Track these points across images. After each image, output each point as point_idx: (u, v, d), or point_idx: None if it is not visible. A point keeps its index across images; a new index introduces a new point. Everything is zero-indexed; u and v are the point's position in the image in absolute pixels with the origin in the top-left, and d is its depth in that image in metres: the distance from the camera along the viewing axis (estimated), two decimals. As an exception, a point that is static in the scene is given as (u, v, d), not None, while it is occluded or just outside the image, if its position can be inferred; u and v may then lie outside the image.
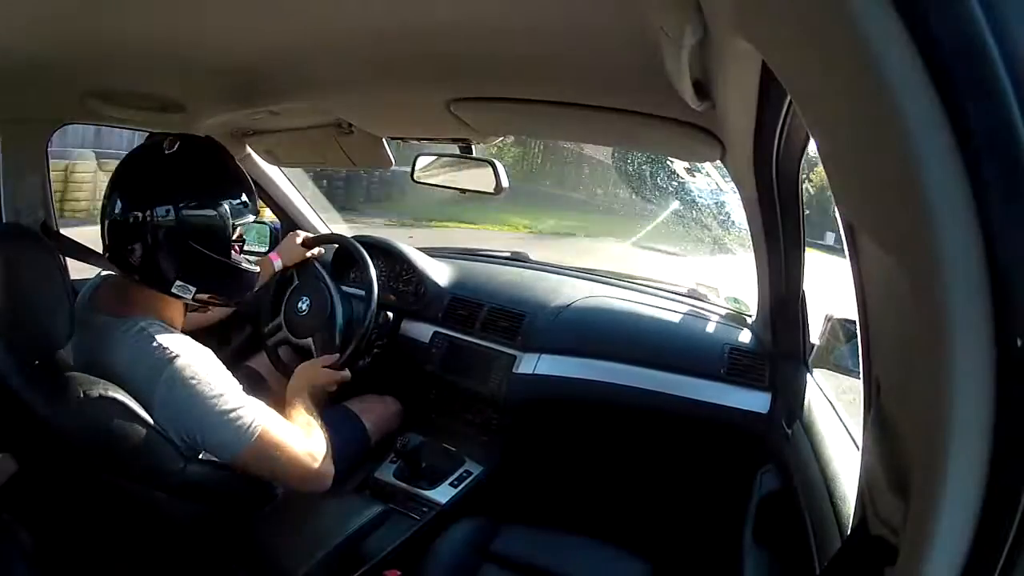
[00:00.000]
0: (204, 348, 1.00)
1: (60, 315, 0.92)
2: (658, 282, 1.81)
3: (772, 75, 0.53)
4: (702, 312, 1.61)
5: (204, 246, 1.02)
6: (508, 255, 2.01)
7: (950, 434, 0.30)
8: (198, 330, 1.20)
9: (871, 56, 0.29)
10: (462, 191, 1.52)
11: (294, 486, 1.06)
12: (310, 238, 1.61)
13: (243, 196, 1.07)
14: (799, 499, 0.95)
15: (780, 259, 1.17)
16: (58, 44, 0.99)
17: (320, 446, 1.07)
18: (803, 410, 1.12)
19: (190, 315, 1.14)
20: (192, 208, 1.00)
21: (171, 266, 1.01)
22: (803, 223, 1.10)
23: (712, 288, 1.74)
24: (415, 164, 1.53)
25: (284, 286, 1.60)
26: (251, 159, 1.74)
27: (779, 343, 1.35)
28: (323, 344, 1.48)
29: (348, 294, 1.57)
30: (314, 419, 1.13)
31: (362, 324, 1.46)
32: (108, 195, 1.01)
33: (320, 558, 1.08)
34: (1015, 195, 0.28)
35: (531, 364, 1.51)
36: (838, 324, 1.11)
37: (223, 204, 1.03)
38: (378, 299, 1.50)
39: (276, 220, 1.90)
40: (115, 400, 0.89)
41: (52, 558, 0.96)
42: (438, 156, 1.52)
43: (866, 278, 0.48)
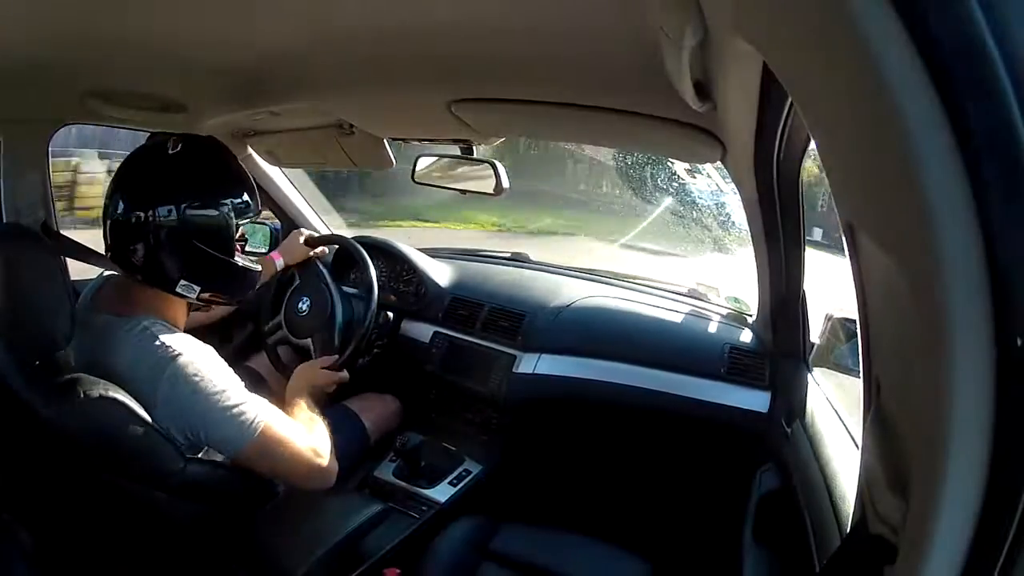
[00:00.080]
0: (206, 346, 1.00)
1: (61, 315, 0.92)
2: (658, 282, 1.81)
3: (773, 76, 0.53)
4: (702, 312, 1.61)
5: (208, 245, 1.03)
6: (508, 255, 2.02)
7: (950, 434, 0.30)
8: (199, 328, 1.20)
9: (871, 56, 0.29)
10: (462, 192, 1.52)
11: (297, 483, 1.06)
12: (314, 237, 1.61)
13: (245, 196, 1.07)
14: (799, 498, 0.95)
15: (780, 259, 1.17)
16: (59, 44, 0.99)
17: (323, 443, 1.07)
18: (803, 409, 1.12)
19: (192, 314, 1.14)
20: (196, 208, 1.01)
21: (175, 266, 1.01)
22: (803, 223, 1.10)
23: (712, 288, 1.74)
24: (416, 165, 1.53)
25: (285, 286, 1.60)
26: (252, 160, 1.74)
27: (779, 342, 1.35)
28: (322, 345, 1.48)
29: (348, 294, 1.57)
30: (315, 417, 1.14)
31: (362, 324, 1.46)
32: (111, 195, 1.01)
33: (319, 557, 1.08)
34: (1015, 195, 0.28)
35: (531, 364, 1.51)
36: (838, 323, 1.11)
37: (226, 204, 1.04)
38: (378, 299, 1.50)
39: (276, 221, 1.90)
40: (116, 400, 0.89)
41: (52, 558, 0.96)
42: (439, 157, 1.53)
43: (866, 278, 0.48)
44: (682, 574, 1.33)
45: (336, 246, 1.74)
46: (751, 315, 1.55)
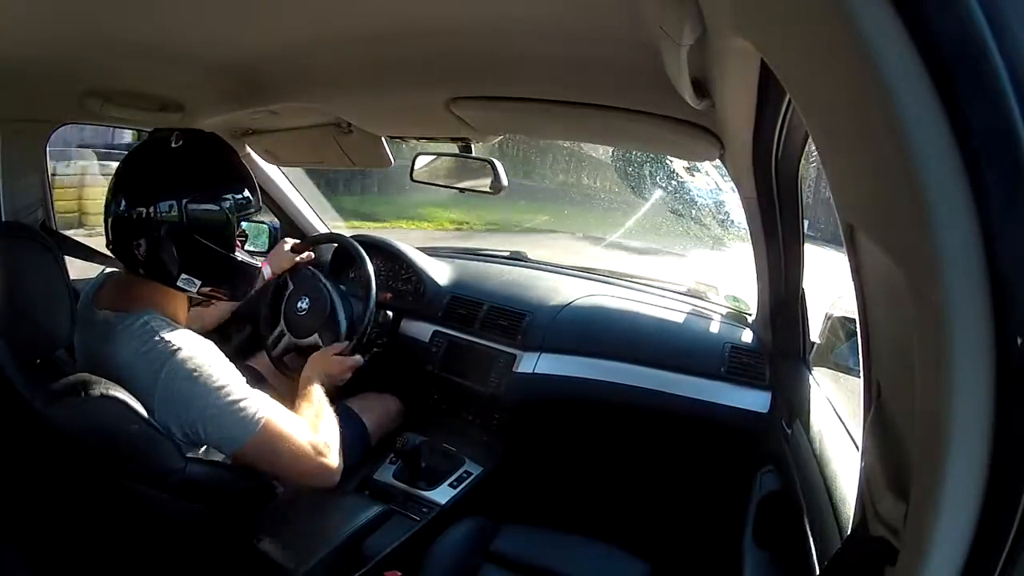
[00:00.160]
0: (207, 341, 1.00)
1: (61, 314, 0.92)
2: (658, 281, 1.81)
3: (772, 74, 0.53)
4: (702, 311, 1.61)
5: (209, 240, 1.03)
6: (508, 254, 2.02)
7: (950, 434, 0.30)
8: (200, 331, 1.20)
9: (871, 56, 0.29)
10: (461, 190, 1.52)
11: (300, 481, 1.05)
12: (299, 244, 1.61)
13: (246, 191, 1.08)
14: (799, 499, 0.95)
15: (779, 258, 1.17)
16: (57, 44, 0.99)
17: (328, 439, 1.06)
18: (803, 410, 1.12)
19: (196, 312, 1.14)
20: (197, 203, 1.01)
21: (176, 260, 1.01)
22: (803, 221, 1.10)
23: (712, 287, 1.74)
24: (414, 163, 1.53)
25: (280, 292, 1.58)
26: (250, 159, 1.74)
27: (779, 342, 1.34)
28: (329, 338, 1.48)
29: (346, 293, 1.57)
30: (325, 411, 1.12)
31: (361, 322, 1.46)
32: (113, 190, 1.02)
33: (320, 558, 1.08)
34: (1015, 195, 0.28)
35: (531, 363, 1.51)
36: (838, 323, 1.11)
37: (227, 199, 1.04)
38: (376, 298, 1.50)
39: (276, 220, 1.90)
40: (116, 399, 0.89)
41: (52, 558, 0.96)
42: (437, 155, 1.52)
43: (866, 278, 0.48)
44: (682, 575, 1.33)
45: (334, 245, 1.73)
46: (751, 314, 1.55)
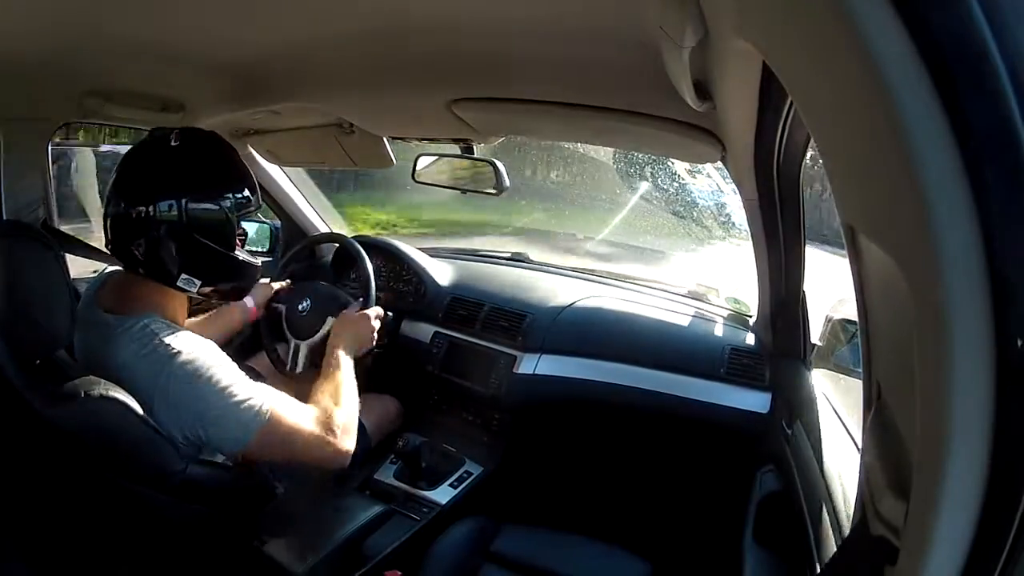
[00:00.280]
0: (207, 341, 1.00)
1: (61, 313, 0.92)
2: (658, 282, 1.81)
3: (773, 75, 0.53)
4: (702, 312, 1.61)
5: (209, 239, 1.03)
6: (508, 255, 2.02)
7: (950, 434, 0.30)
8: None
9: (872, 57, 0.29)
10: (463, 191, 1.52)
11: (314, 465, 1.05)
12: (273, 277, 1.57)
13: (246, 190, 1.07)
14: (799, 499, 0.95)
15: (780, 259, 1.17)
16: (58, 44, 0.99)
17: (340, 419, 1.05)
18: (803, 410, 1.12)
19: (197, 328, 1.13)
20: (197, 202, 1.01)
21: (176, 260, 1.01)
22: (803, 223, 1.10)
23: (712, 288, 1.74)
24: (416, 164, 1.53)
25: (275, 320, 1.52)
26: (252, 158, 1.74)
27: (779, 343, 1.34)
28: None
29: (343, 284, 1.55)
30: (344, 388, 1.12)
31: (369, 281, 1.44)
32: (112, 189, 1.01)
33: (321, 558, 1.08)
34: (1015, 195, 0.28)
35: (531, 364, 1.51)
36: (838, 324, 1.11)
37: (227, 198, 1.04)
38: (376, 298, 1.50)
39: (277, 220, 1.90)
40: (116, 400, 0.89)
41: (52, 558, 0.96)
42: (438, 156, 1.53)
43: (867, 279, 0.48)
44: (683, 575, 1.33)
45: (335, 245, 1.73)
46: (751, 316, 1.55)
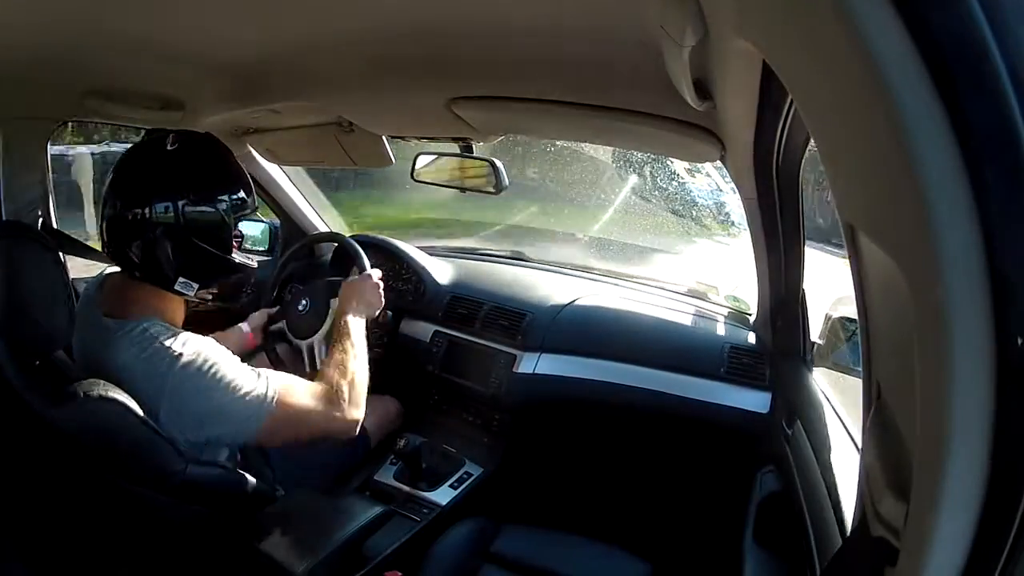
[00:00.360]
0: (206, 338, 1.01)
1: (60, 314, 0.92)
2: (658, 281, 1.81)
3: (773, 75, 0.53)
4: (702, 311, 1.61)
5: (205, 242, 1.03)
6: (508, 254, 2.02)
7: (950, 434, 0.30)
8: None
9: (872, 56, 0.29)
10: (462, 190, 1.52)
11: (326, 438, 1.10)
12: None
13: (242, 193, 1.07)
14: (799, 499, 0.95)
15: (780, 258, 1.17)
16: (58, 43, 0.99)
17: (346, 389, 1.08)
18: (804, 410, 1.12)
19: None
20: (193, 204, 1.01)
21: (172, 263, 1.01)
22: (803, 222, 1.10)
23: (712, 287, 1.74)
24: (415, 163, 1.53)
25: (277, 337, 1.51)
26: (251, 157, 1.74)
27: (779, 342, 1.34)
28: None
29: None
30: (351, 355, 1.14)
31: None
32: (108, 192, 1.01)
33: (321, 559, 1.08)
34: (1015, 195, 0.28)
35: (531, 363, 1.51)
36: (838, 323, 1.11)
37: (223, 200, 1.04)
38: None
39: (276, 219, 1.89)
40: (116, 400, 0.89)
41: (52, 558, 0.96)
42: (438, 155, 1.52)
43: (866, 279, 0.48)
44: (682, 575, 1.33)
45: (335, 244, 1.73)
46: (751, 314, 1.55)
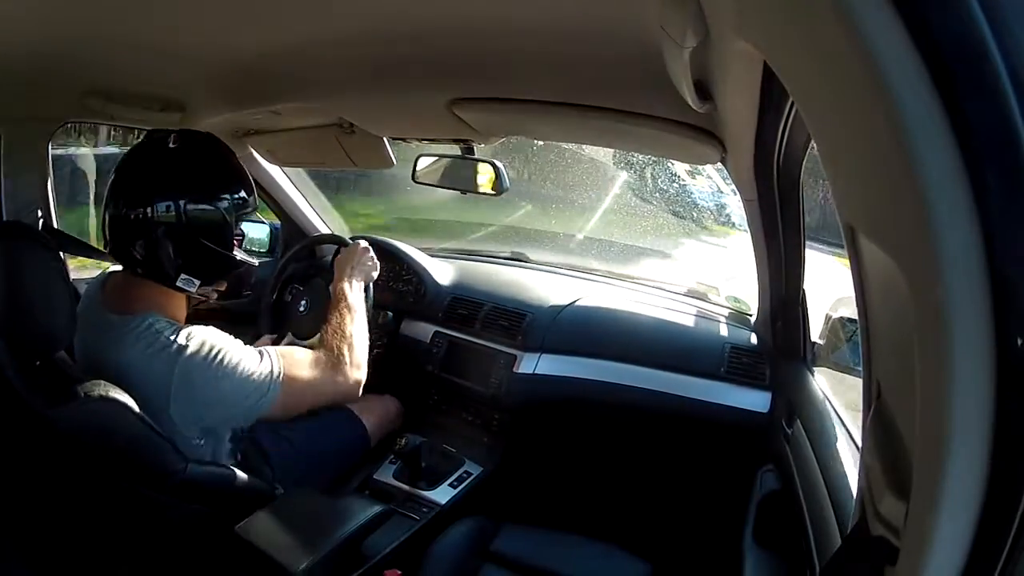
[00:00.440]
0: (208, 327, 1.03)
1: (61, 314, 0.92)
2: (658, 281, 1.81)
3: (773, 76, 0.53)
4: (702, 311, 1.61)
5: (207, 240, 1.04)
6: (508, 255, 2.02)
7: (950, 434, 0.30)
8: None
9: (872, 57, 0.29)
10: (463, 191, 1.52)
11: (332, 404, 1.21)
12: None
13: (243, 192, 1.08)
14: (799, 499, 0.95)
15: (780, 259, 1.17)
16: (59, 43, 1.00)
17: (347, 353, 1.17)
18: (804, 409, 1.12)
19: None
20: (195, 203, 1.02)
21: (174, 260, 1.02)
22: (803, 223, 1.10)
23: (712, 287, 1.74)
24: (416, 164, 1.53)
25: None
26: (252, 158, 1.74)
27: (780, 342, 1.34)
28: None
29: None
30: (348, 320, 1.22)
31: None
32: (110, 190, 1.02)
33: (320, 558, 1.08)
34: (1015, 195, 0.28)
35: (531, 364, 1.51)
36: (839, 323, 1.11)
37: (225, 199, 1.05)
38: (374, 298, 1.50)
39: (276, 220, 1.89)
40: (116, 400, 0.89)
41: (52, 558, 0.96)
42: (439, 157, 1.52)
43: (867, 279, 0.48)
44: (683, 575, 1.33)
45: (336, 246, 1.72)
46: (751, 315, 1.55)
